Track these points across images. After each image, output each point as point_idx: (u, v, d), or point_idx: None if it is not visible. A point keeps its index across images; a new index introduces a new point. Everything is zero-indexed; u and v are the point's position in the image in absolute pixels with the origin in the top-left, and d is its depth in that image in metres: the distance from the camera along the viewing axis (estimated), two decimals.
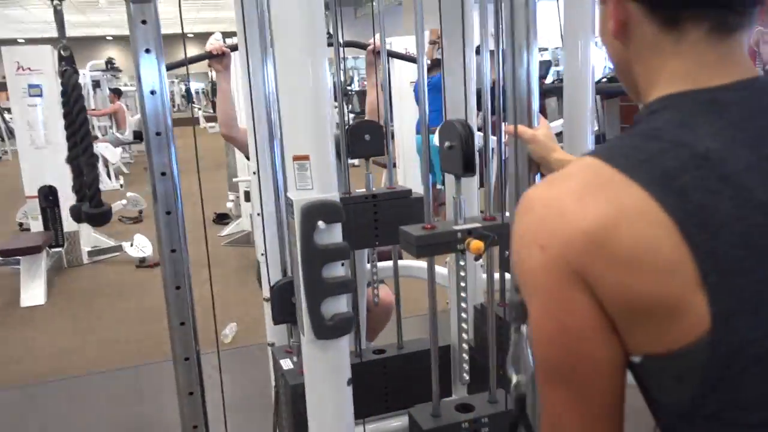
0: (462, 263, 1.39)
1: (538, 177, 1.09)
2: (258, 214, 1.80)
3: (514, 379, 0.76)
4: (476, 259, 1.35)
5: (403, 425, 2.03)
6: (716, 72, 0.61)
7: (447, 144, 1.36)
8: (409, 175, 5.41)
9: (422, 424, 1.40)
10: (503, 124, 1.41)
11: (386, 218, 1.75)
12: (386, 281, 2.32)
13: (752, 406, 0.55)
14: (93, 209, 1.99)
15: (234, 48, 2.35)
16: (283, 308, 1.60)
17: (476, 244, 1.27)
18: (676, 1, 0.61)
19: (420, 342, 2.07)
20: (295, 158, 1.20)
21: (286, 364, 1.61)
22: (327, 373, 1.28)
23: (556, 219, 0.58)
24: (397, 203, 1.89)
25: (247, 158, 2.51)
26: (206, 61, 2.36)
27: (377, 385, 1.86)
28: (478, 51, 1.69)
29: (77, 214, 2.07)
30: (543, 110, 7.46)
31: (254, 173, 1.76)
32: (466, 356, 1.43)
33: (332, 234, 1.21)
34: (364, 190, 1.78)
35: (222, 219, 6.30)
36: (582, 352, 0.59)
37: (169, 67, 2.55)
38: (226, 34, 2.83)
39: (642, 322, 0.56)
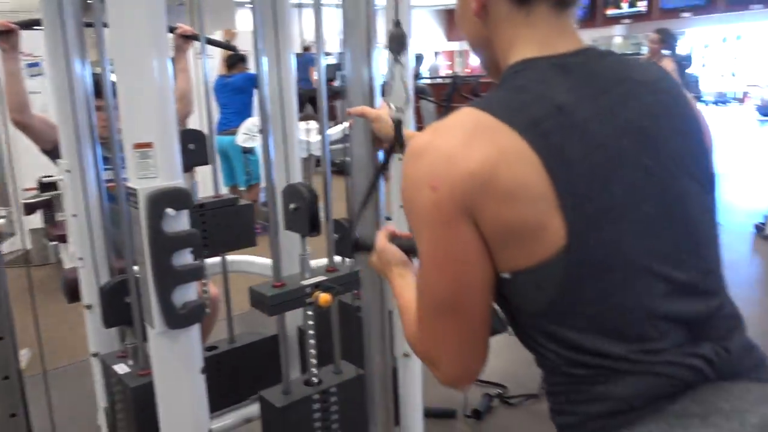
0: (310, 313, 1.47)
1: (380, 153, 1.22)
2: (73, 216, 1.68)
3: None
4: (324, 309, 1.45)
5: (242, 417, 2.05)
6: (560, 41, 0.77)
7: (292, 206, 1.43)
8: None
9: (275, 403, 1.45)
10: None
11: (214, 227, 1.75)
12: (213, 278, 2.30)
13: (591, 302, 0.71)
14: None
15: (27, 24, 2.11)
16: (116, 310, 1.53)
17: (324, 297, 1.36)
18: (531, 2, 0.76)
19: (251, 335, 2.10)
20: (137, 146, 1.18)
21: (121, 368, 1.54)
22: (180, 364, 1.27)
23: (445, 163, 0.69)
24: (224, 211, 1.89)
25: (43, 149, 2.29)
26: None
27: (212, 382, 1.85)
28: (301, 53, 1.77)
29: None
30: (332, 112, 7.76)
31: (68, 171, 1.65)
32: (312, 341, 1.50)
33: (181, 221, 1.20)
34: None
35: None
36: (466, 277, 0.71)
37: None
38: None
39: (513, 244, 0.69)
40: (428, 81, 10.46)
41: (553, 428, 0.74)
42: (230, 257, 2.13)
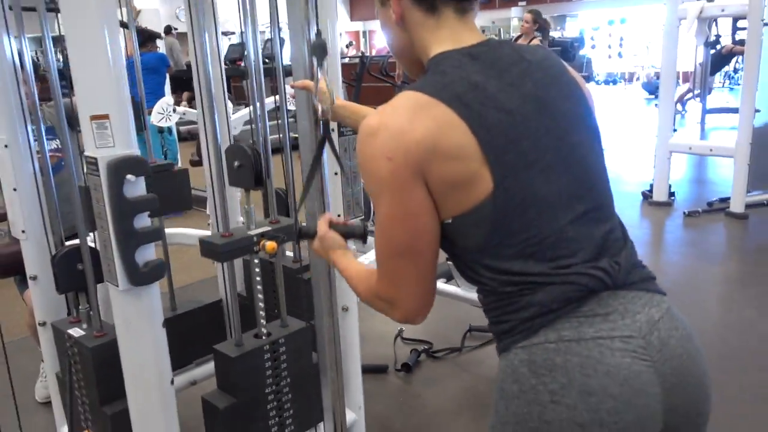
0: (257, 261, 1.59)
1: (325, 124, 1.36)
2: (14, 190, 1.71)
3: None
4: (271, 257, 1.57)
5: (187, 381, 2.14)
6: (466, 36, 0.96)
7: (236, 164, 1.54)
8: None
9: (230, 354, 1.57)
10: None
11: (155, 191, 1.83)
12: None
13: (516, 233, 0.89)
14: None
15: None
16: (68, 277, 1.60)
17: (270, 245, 1.49)
18: (434, 2, 0.95)
19: (192, 302, 2.19)
20: (93, 118, 1.26)
21: (76, 332, 1.60)
22: (144, 319, 1.37)
23: (396, 137, 0.86)
24: (162, 176, 1.98)
25: None
26: None
27: None
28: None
29: None
30: (239, 92, 7.68)
31: (6, 146, 1.67)
32: (260, 295, 1.63)
33: (139, 187, 1.30)
34: None
35: None
36: (419, 228, 0.88)
37: None
38: None
39: (453, 194, 0.87)
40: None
41: (472, 374, 0.92)
42: (169, 231, 2.21)
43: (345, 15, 17.72)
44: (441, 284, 2.66)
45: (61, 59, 1.62)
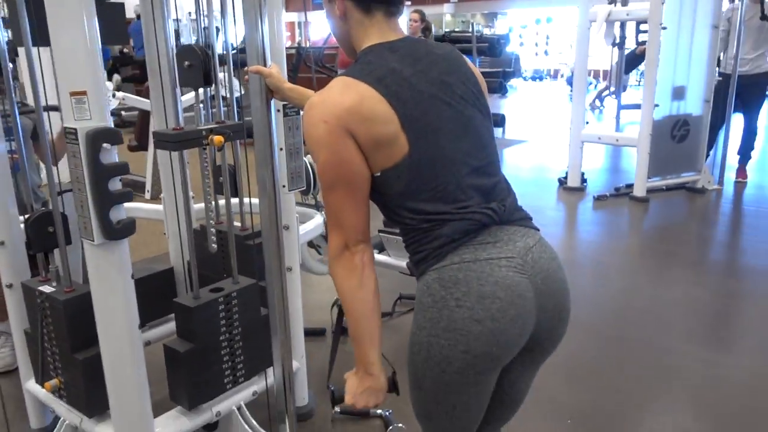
0: (205, 156, 1.80)
1: (273, 102, 1.60)
2: None
3: None
4: (219, 149, 1.76)
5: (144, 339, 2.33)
6: (390, 34, 1.24)
7: (186, 63, 1.74)
8: None
9: (189, 304, 1.79)
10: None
11: None
12: None
13: (428, 182, 1.17)
14: None
15: None
16: (41, 238, 1.78)
17: (218, 138, 1.70)
18: (369, 4, 1.22)
19: (144, 270, 2.38)
20: (73, 94, 1.46)
21: (47, 289, 1.78)
22: (116, 271, 1.57)
23: (331, 106, 1.12)
24: None
25: None
26: None
27: None
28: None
29: None
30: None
31: None
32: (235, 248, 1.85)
33: (113, 154, 1.51)
34: None
35: None
36: (352, 170, 1.15)
37: None
38: None
39: (379, 152, 1.14)
40: None
41: (402, 335, 1.16)
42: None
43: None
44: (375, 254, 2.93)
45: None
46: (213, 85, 1.81)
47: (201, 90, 1.88)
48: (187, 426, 1.84)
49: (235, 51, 2.01)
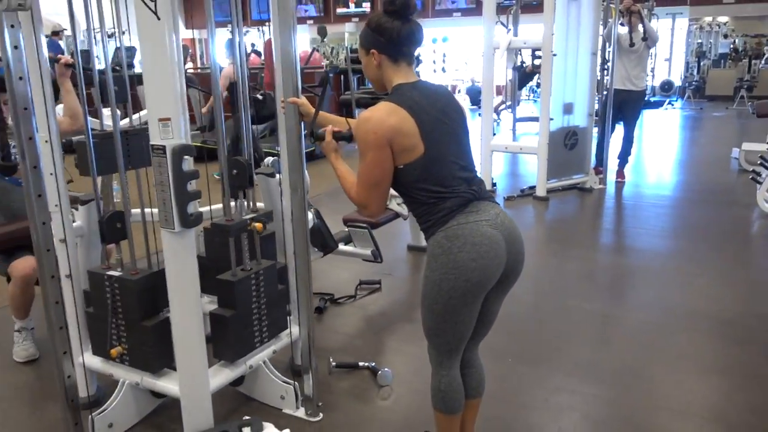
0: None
1: (303, 124, 2.19)
2: (51, 174, 2.29)
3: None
4: (260, 234, 2.32)
5: None
6: (411, 76, 1.88)
7: (235, 172, 2.28)
8: None
9: (231, 279, 2.31)
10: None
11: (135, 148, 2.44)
12: None
13: (434, 172, 1.80)
14: None
15: None
16: (112, 232, 2.25)
17: (259, 225, 2.30)
18: (397, 57, 1.85)
19: None
20: (161, 120, 1.98)
21: (116, 273, 2.25)
22: (188, 253, 2.08)
23: (379, 122, 1.74)
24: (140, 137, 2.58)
25: None
26: None
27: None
28: None
29: None
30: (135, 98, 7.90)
31: (46, 141, 2.25)
32: (246, 244, 2.39)
33: (190, 164, 2.03)
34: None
35: None
36: (386, 169, 1.77)
37: None
38: None
39: (404, 153, 1.77)
40: (192, 70, 10.93)
41: (364, 312, 1.77)
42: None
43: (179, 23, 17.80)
44: (341, 246, 3.53)
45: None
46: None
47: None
48: (230, 376, 2.36)
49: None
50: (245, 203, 2.55)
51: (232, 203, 2.46)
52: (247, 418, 2.30)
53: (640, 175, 7.02)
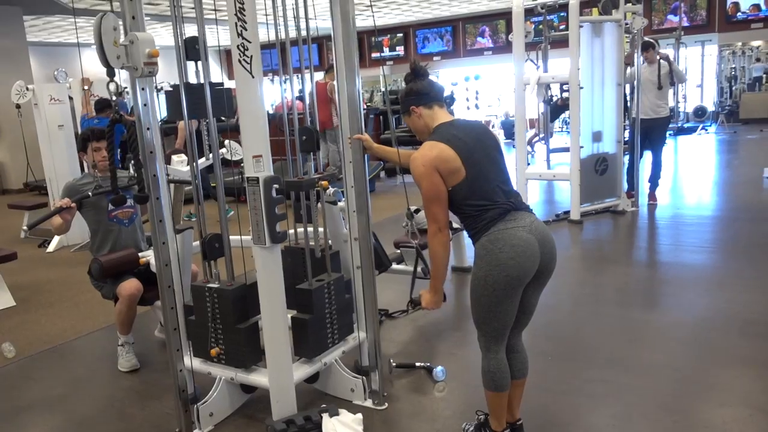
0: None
1: (366, 156, 2.66)
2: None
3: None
4: (325, 190, 2.79)
5: None
6: (446, 117, 2.35)
7: (304, 138, 2.78)
8: None
9: (309, 288, 2.75)
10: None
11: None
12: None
13: (477, 190, 2.23)
14: None
15: (80, 199, 3.24)
16: (211, 250, 2.73)
17: (325, 183, 2.71)
18: (430, 104, 2.36)
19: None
20: (254, 156, 2.46)
21: (213, 285, 2.71)
22: (276, 265, 2.53)
23: (423, 157, 2.21)
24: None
25: None
26: None
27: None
28: None
29: None
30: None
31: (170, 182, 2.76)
32: (318, 254, 2.83)
33: (276, 190, 2.50)
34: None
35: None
36: (439, 189, 2.21)
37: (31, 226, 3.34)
38: None
39: (450, 176, 2.21)
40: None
41: (416, 324, 2.23)
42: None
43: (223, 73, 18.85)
44: (394, 265, 3.96)
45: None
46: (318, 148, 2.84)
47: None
48: (309, 371, 2.78)
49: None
50: (313, 164, 2.91)
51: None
52: (324, 406, 2.71)
53: (674, 197, 7.29)
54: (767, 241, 5.24)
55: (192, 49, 2.62)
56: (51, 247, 6.64)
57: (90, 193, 3.43)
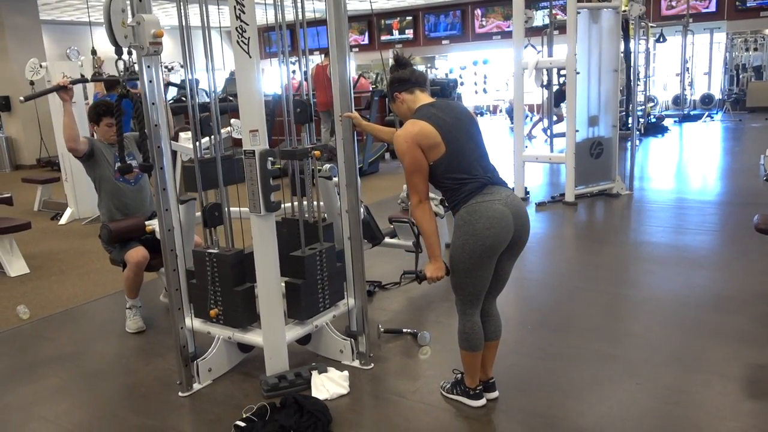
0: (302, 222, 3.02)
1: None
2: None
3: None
4: (318, 159, 2.99)
5: None
6: (426, 98, 2.54)
7: (298, 110, 2.97)
8: None
9: (302, 255, 2.96)
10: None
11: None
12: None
13: (457, 164, 2.41)
14: None
15: (77, 81, 3.35)
16: (212, 218, 2.94)
17: (317, 153, 2.90)
18: (411, 89, 2.56)
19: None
20: (251, 131, 2.65)
21: (214, 251, 2.92)
22: (271, 232, 2.74)
23: (407, 133, 2.40)
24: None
25: (75, 156, 3.53)
26: None
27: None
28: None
29: None
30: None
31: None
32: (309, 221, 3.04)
33: (271, 163, 2.69)
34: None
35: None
36: (422, 164, 2.40)
37: (27, 99, 3.47)
38: None
39: (431, 151, 2.39)
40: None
41: (407, 295, 2.45)
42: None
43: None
44: (387, 239, 4.16)
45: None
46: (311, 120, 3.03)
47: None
48: (300, 332, 3.00)
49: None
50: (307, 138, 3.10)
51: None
52: (314, 364, 2.93)
53: (669, 182, 7.43)
54: (750, 224, 5.38)
55: None
56: (63, 220, 6.89)
57: (89, 78, 3.63)
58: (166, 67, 11.62)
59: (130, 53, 2.55)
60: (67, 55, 16.39)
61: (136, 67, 2.63)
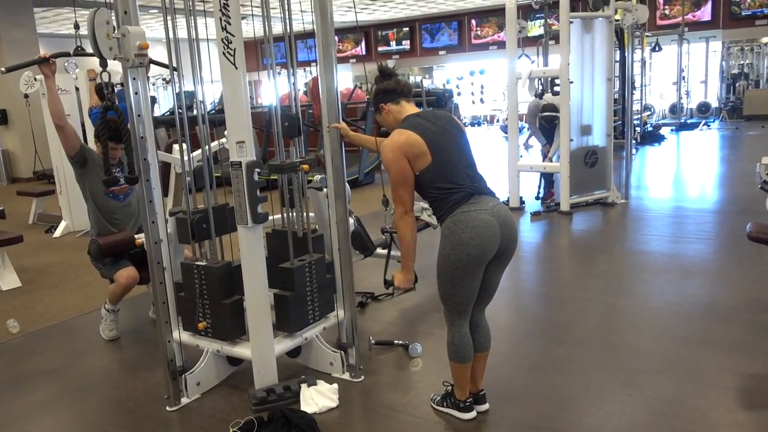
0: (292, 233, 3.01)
1: (342, 143, 2.84)
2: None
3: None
4: (306, 173, 2.98)
5: None
6: (412, 109, 2.54)
7: (286, 124, 2.96)
8: None
9: (291, 267, 2.94)
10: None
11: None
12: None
13: (443, 174, 2.40)
14: None
15: (58, 55, 3.36)
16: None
17: (306, 167, 2.88)
18: (397, 99, 2.57)
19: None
20: (237, 142, 2.64)
21: (201, 263, 2.90)
22: (258, 243, 2.72)
23: (393, 143, 2.39)
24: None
25: (68, 153, 3.51)
26: None
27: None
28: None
29: None
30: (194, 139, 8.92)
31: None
32: (300, 235, 3.02)
33: (257, 174, 2.68)
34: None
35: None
36: (407, 174, 2.39)
37: (8, 69, 3.46)
38: None
39: (417, 161, 2.38)
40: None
41: (399, 306, 2.43)
42: None
43: None
44: (378, 250, 4.14)
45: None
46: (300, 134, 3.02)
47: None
48: (290, 344, 2.97)
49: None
50: (296, 151, 3.11)
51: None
52: (304, 377, 2.90)
53: (665, 190, 7.42)
54: (744, 232, 5.37)
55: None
56: (58, 233, 6.87)
57: (72, 52, 3.65)
58: (164, 79, 11.68)
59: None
60: (65, 68, 16.43)
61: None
